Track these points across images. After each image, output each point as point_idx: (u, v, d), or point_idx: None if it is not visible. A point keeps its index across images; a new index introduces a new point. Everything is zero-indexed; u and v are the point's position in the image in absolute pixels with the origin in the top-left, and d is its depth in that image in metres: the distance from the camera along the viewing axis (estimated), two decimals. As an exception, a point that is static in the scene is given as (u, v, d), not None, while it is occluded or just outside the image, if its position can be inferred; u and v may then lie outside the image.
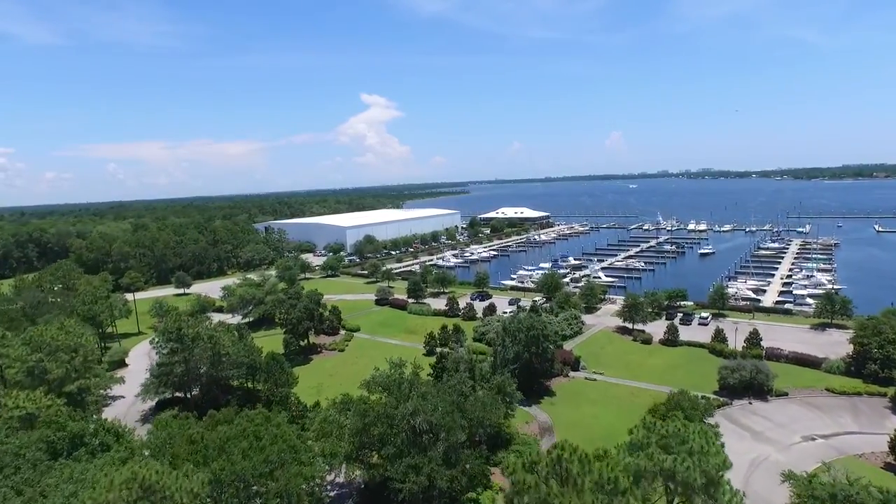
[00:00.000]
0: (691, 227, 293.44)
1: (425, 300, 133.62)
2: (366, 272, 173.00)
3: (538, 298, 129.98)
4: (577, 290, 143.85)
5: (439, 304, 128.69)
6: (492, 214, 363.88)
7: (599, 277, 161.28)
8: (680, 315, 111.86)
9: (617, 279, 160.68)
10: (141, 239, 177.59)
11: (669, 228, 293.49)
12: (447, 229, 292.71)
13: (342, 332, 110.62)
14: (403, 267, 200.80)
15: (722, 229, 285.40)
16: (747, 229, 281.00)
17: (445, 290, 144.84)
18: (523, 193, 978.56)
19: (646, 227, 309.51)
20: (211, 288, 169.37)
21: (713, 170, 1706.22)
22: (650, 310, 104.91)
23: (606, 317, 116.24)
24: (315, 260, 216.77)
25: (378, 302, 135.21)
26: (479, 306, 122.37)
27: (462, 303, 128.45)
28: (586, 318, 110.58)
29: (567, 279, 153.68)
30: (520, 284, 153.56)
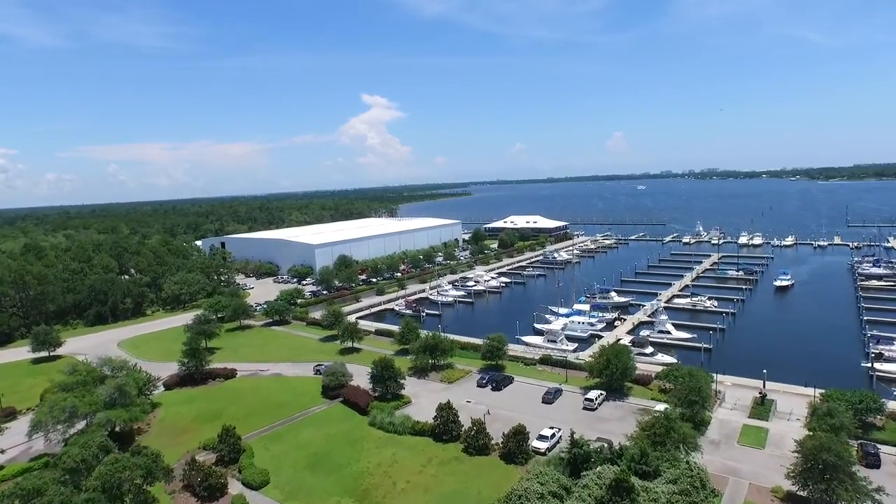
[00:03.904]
0: (743, 240, 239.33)
1: (403, 391, 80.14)
2: (325, 322, 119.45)
3: (595, 394, 75.85)
4: (645, 362, 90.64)
5: (427, 394, 75.67)
6: (499, 224, 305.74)
7: (668, 331, 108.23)
8: (888, 452, 58.58)
9: (693, 335, 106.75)
10: (1, 272, 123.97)
11: (716, 242, 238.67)
12: (445, 244, 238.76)
13: (231, 492, 57.01)
14: (384, 304, 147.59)
15: (783, 243, 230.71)
16: (815, 244, 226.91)
17: (439, 363, 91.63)
18: (528, 195, 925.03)
19: (685, 240, 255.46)
20: (109, 341, 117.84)
21: (719, 170, 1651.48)
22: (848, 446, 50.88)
23: (731, 445, 62.60)
24: (272, 291, 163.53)
25: (326, 391, 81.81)
26: (497, 409, 69.51)
27: (464, 391, 76.31)
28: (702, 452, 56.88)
29: (627, 342, 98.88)
30: (551, 345, 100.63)
